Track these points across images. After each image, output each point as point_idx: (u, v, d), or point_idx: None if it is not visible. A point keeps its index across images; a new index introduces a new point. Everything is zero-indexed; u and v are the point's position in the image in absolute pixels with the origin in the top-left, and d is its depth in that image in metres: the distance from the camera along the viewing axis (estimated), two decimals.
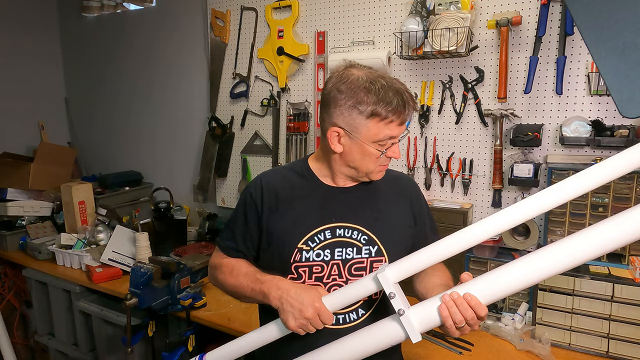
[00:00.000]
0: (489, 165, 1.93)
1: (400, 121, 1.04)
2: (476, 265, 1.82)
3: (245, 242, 1.16)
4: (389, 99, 1.01)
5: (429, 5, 1.91)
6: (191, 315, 1.82)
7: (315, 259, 1.08)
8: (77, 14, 3.31)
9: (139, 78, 3.12)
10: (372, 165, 1.08)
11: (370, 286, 0.97)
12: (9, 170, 2.73)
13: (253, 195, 1.14)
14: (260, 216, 1.12)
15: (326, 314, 0.97)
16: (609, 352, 1.47)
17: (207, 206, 2.82)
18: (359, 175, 1.11)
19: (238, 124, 2.62)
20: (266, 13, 2.41)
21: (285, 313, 0.98)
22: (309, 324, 0.96)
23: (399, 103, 1.02)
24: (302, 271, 1.08)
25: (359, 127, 1.04)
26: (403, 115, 1.03)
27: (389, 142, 1.05)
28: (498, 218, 0.90)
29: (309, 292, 0.99)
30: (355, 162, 1.08)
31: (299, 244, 1.08)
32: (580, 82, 1.73)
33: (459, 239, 0.92)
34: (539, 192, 0.88)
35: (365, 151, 1.06)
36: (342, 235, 1.09)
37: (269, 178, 1.18)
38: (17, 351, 2.65)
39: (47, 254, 2.45)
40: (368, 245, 1.09)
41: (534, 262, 0.84)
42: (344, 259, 1.08)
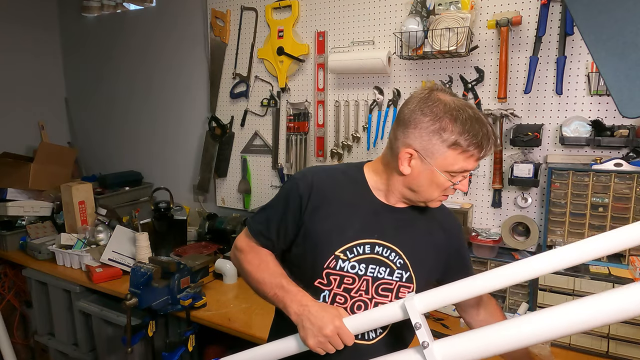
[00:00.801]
0: (489, 165, 1.93)
1: (480, 156, 1.00)
2: (476, 265, 1.82)
3: (279, 232, 1.11)
4: (475, 131, 0.97)
5: (429, 5, 1.91)
6: (191, 315, 1.82)
7: (349, 270, 1.05)
8: (77, 14, 3.31)
9: (139, 78, 3.12)
10: (436, 193, 1.04)
11: (397, 313, 0.95)
12: (9, 170, 2.73)
13: (300, 188, 1.09)
14: (302, 211, 1.08)
15: (346, 333, 0.95)
16: (609, 352, 1.47)
17: (207, 206, 2.82)
18: (416, 199, 1.08)
19: (238, 124, 2.62)
20: (266, 13, 2.41)
21: (304, 330, 0.96)
22: (328, 343, 0.95)
23: (484, 138, 0.98)
24: (333, 279, 1.05)
25: (435, 153, 1.00)
26: (484, 150, 1.00)
27: (460, 174, 1.02)
28: (536, 261, 0.89)
29: (329, 311, 0.97)
30: (420, 187, 1.04)
31: (337, 252, 1.05)
32: (580, 82, 1.73)
33: (493, 277, 0.90)
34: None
35: (434, 178, 1.02)
36: (380, 253, 1.06)
37: (320, 176, 1.13)
38: (17, 351, 2.65)
39: (47, 254, 2.45)
40: (401, 270, 1.07)
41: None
42: (375, 276, 1.06)
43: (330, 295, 1.06)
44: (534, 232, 1.77)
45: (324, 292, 1.06)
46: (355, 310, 1.05)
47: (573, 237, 1.65)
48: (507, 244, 1.82)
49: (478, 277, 0.91)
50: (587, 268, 1.54)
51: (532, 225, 1.78)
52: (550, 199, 1.68)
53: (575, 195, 1.64)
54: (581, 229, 1.64)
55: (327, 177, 1.12)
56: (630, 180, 1.55)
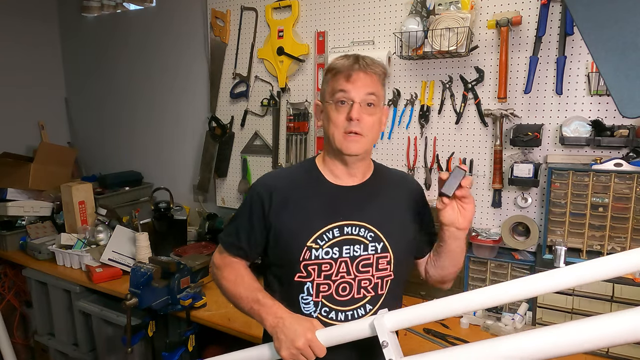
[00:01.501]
0: (489, 165, 1.93)
1: (346, 75, 1.07)
2: (476, 265, 1.82)
3: (249, 240, 1.16)
4: (342, 57, 1.09)
5: (429, 5, 1.91)
6: (191, 315, 1.82)
7: (324, 256, 1.08)
8: (77, 14, 3.31)
9: (139, 78, 3.12)
10: (337, 130, 1.09)
11: (365, 330, 0.97)
12: (9, 170, 2.73)
13: (260, 193, 1.15)
14: (266, 215, 1.13)
15: (318, 346, 0.99)
16: (609, 352, 1.47)
17: (207, 206, 2.82)
18: (332, 149, 1.13)
19: (238, 124, 2.62)
20: (266, 13, 2.41)
21: (279, 342, 1.00)
22: (300, 355, 0.98)
23: (350, 59, 1.08)
24: (312, 269, 1.09)
25: (323, 90, 1.13)
26: (350, 70, 1.06)
27: (341, 97, 1.07)
28: (511, 286, 0.87)
29: (303, 324, 1.01)
30: (327, 130, 1.12)
31: (308, 242, 1.08)
32: (580, 82, 1.73)
33: (465, 300, 0.91)
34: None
35: (328, 113, 1.11)
36: (349, 232, 1.10)
37: (276, 176, 1.21)
38: (17, 351, 2.65)
39: (47, 254, 2.45)
40: (374, 242, 1.11)
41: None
42: (352, 256, 1.10)
43: (313, 286, 1.09)
44: (534, 232, 1.77)
45: (307, 285, 1.09)
46: (341, 293, 1.09)
47: (573, 237, 1.65)
48: (507, 244, 1.82)
49: (450, 299, 0.92)
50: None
51: (532, 225, 1.78)
52: (550, 199, 1.68)
53: (575, 195, 1.64)
54: (581, 229, 1.64)
55: (283, 177, 1.20)
56: (630, 180, 1.55)
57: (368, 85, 1.07)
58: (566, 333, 0.73)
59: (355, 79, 1.06)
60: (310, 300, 1.09)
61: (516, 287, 0.86)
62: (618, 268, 0.79)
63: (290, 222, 1.11)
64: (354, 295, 1.10)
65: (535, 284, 0.85)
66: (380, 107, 1.11)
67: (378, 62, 1.11)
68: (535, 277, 0.86)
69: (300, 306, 1.10)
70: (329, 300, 1.09)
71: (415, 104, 2.07)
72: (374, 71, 1.08)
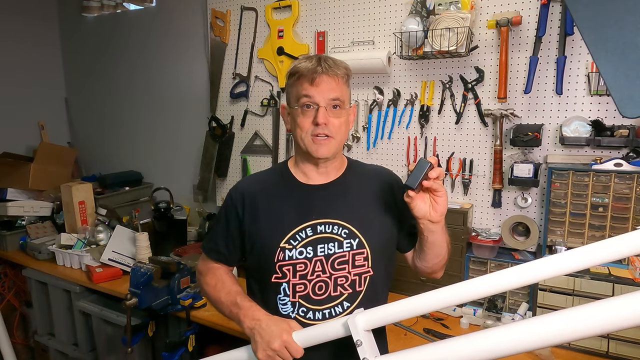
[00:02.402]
0: (489, 165, 1.93)
1: (309, 79, 1.06)
2: (476, 265, 1.82)
3: (227, 245, 1.19)
4: (304, 59, 1.08)
5: (429, 5, 1.91)
6: (191, 315, 1.82)
7: (298, 256, 1.09)
8: (77, 14, 3.31)
9: (139, 78, 3.12)
10: (304, 133, 1.09)
11: (340, 330, 0.97)
12: (9, 170, 2.73)
13: (233, 199, 1.17)
14: (241, 219, 1.15)
15: (294, 347, 0.99)
16: (609, 352, 1.47)
17: (207, 206, 2.82)
18: (301, 150, 1.13)
19: (238, 124, 2.62)
20: (266, 13, 2.41)
21: (255, 344, 1.02)
22: (277, 356, 0.99)
23: (312, 61, 1.07)
24: (287, 270, 1.10)
25: (288, 95, 1.13)
26: (314, 74, 1.05)
27: (306, 101, 1.07)
28: (484, 280, 0.87)
29: (279, 325, 1.01)
30: (295, 133, 1.12)
31: (282, 243, 1.09)
32: (580, 82, 1.73)
33: (437, 297, 0.90)
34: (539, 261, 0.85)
35: (294, 117, 1.10)
36: (323, 231, 1.10)
37: (249, 181, 1.23)
38: (17, 351, 2.65)
39: (47, 254, 2.45)
40: (349, 239, 1.11)
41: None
42: (327, 254, 1.10)
43: (289, 286, 1.10)
44: (534, 232, 1.77)
45: (283, 285, 1.10)
46: (317, 292, 1.10)
47: (573, 237, 1.65)
48: (507, 244, 1.82)
49: (423, 296, 0.92)
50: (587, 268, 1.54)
51: (532, 225, 1.78)
52: (550, 199, 1.68)
53: (575, 195, 1.64)
54: (581, 229, 1.64)
55: (255, 181, 1.21)
56: (630, 180, 1.55)
57: (332, 88, 1.07)
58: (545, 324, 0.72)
59: (319, 82, 1.06)
60: (287, 300, 1.10)
61: (491, 280, 0.86)
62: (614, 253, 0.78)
63: (264, 225, 1.13)
64: (331, 294, 1.10)
65: (510, 277, 0.85)
66: (346, 109, 1.11)
67: (340, 63, 1.11)
68: (509, 271, 0.86)
69: (278, 307, 1.11)
70: (305, 300, 1.10)
71: (415, 104, 2.07)
72: (337, 73, 1.08)
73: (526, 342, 0.73)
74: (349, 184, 1.17)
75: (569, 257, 0.80)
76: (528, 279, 0.84)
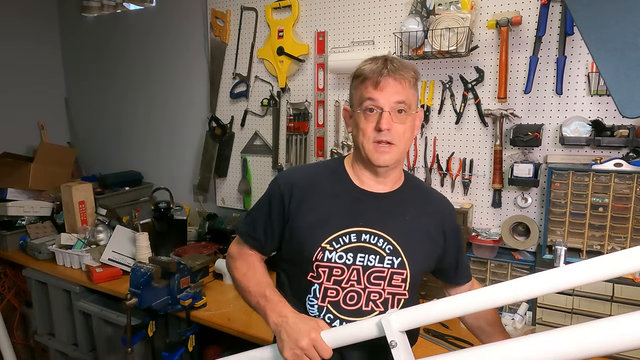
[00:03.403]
0: (489, 165, 1.93)
1: (374, 82, 1.02)
2: (476, 265, 1.82)
3: (266, 232, 1.14)
4: (370, 60, 1.05)
5: (429, 5, 1.91)
6: (191, 315, 1.82)
7: (337, 260, 1.05)
8: (77, 14, 3.31)
9: (139, 78, 3.12)
10: (366, 139, 1.05)
11: (372, 330, 0.93)
12: (9, 170, 2.73)
13: (282, 187, 1.12)
14: (286, 209, 1.10)
15: (322, 346, 0.93)
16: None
17: (207, 206, 2.82)
18: (361, 156, 1.09)
19: (238, 124, 2.62)
20: (266, 13, 2.41)
21: (281, 342, 0.96)
22: (305, 356, 0.93)
23: (378, 63, 1.03)
24: (322, 271, 1.05)
25: (352, 97, 1.09)
26: (379, 76, 1.01)
27: (369, 105, 1.03)
28: (527, 282, 0.84)
29: (307, 323, 0.96)
30: (356, 138, 1.09)
31: (323, 243, 1.05)
32: (580, 82, 1.73)
33: (479, 298, 0.87)
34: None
35: (356, 121, 1.07)
36: (367, 240, 1.05)
37: (301, 172, 1.18)
38: (17, 351, 2.65)
39: (47, 254, 2.45)
40: (392, 256, 1.06)
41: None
42: (365, 265, 1.05)
43: (320, 289, 1.06)
44: (534, 232, 1.77)
45: (315, 286, 1.06)
46: (348, 302, 1.05)
47: (573, 237, 1.65)
48: (507, 244, 1.82)
49: (461, 297, 0.90)
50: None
51: (532, 225, 1.78)
52: (550, 199, 1.68)
53: (575, 195, 1.64)
54: (581, 229, 1.64)
55: (307, 173, 1.16)
56: (630, 180, 1.55)
57: (398, 92, 1.02)
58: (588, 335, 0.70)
59: (384, 86, 1.01)
60: (315, 303, 1.06)
61: (533, 283, 0.83)
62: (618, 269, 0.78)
63: (308, 220, 1.07)
64: (362, 307, 1.05)
65: (557, 279, 0.82)
66: (411, 114, 1.06)
67: (408, 64, 1.06)
68: (557, 272, 0.82)
69: (306, 307, 1.07)
70: (334, 307, 1.05)
71: None
72: (404, 76, 1.02)
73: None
74: (405, 200, 1.12)
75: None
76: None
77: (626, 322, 0.67)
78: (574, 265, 0.80)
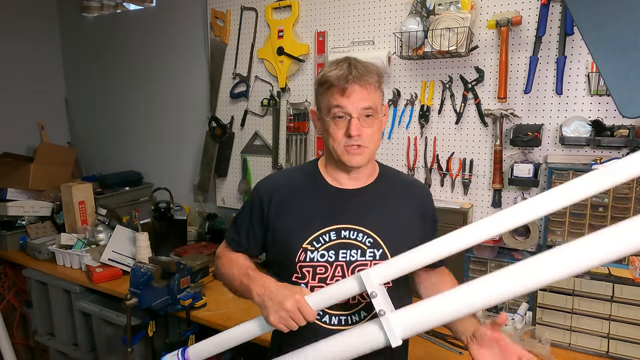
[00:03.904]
0: (489, 165, 1.93)
1: (340, 89, 1.02)
2: (476, 265, 1.82)
3: (248, 238, 1.19)
4: (334, 66, 1.05)
5: (429, 5, 1.91)
6: (191, 315, 1.82)
7: (319, 259, 1.08)
8: (77, 14, 3.31)
9: (139, 78, 3.12)
10: (336, 144, 1.07)
11: (354, 287, 0.96)
12: (9, 170, 2.73)
13: (261, 193, 1.17)
14: (265, 214, 1.14)
15: (307, 308, 0.95)
16: (609, 352, 1.47)
17: (207, 206, 2.82)
18: (334, 159, 1.12)
19: (238, 124, 2.62)
20: (266, 13, 2.41)
21: (266, 309, 0.97)
22: (290, 318, 0.95)
23: (342, 68, 1.03)
24: (306, 271, 1.08)
25: (319, 102, 1.10)
26: (345, 83, 1.02)
27: (338, 112, 1.04)
28: (486, 222, 0.90)
29: (290, 289, 0.99)
30: (326, 142, 1.11)
31: (304, 244, 1.08)
32: (580, 82, 1.73)
33: (444, 243, 0.91)
34: (524, 202, 0.92)
35: (326, 127, 1.08)
36: (347, 237, 1.08)
37: (279, 178, 1.22)
38: (17, 351, 2.65)
39: (47, 254, 2.45)
40: (373, 248, 1.08)
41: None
42: (348, 260, 1.08)
43: (308, 288, 1.08)
44: (534, 232, 1.77)
45: (301, 286, 1.07)
46: None
47: (573, 237, 1.64)
48: (507, 244, 1.82)
49: (432, 243, 0.93)
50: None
51: (532, 225, 1.78)
52: None
53: None
54: (581, 229, 1.64)
55: (285, 178, 1.21)
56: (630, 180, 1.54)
57: (364, 98, 1.04)
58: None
59: (351, 93, 1.03)
60: None
61: (504, 216, 0.92)
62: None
63: (289, 223, 1.11)
64: (349, 301, 1.07)
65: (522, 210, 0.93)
66: (379, 117, 1.08)
67: (371, 67, 1.07)
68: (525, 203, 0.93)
69: None
70: None
71: (415, 104, 2.07)
72: (369, 81, 1.04)
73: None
74: (381, 193, 1.15)
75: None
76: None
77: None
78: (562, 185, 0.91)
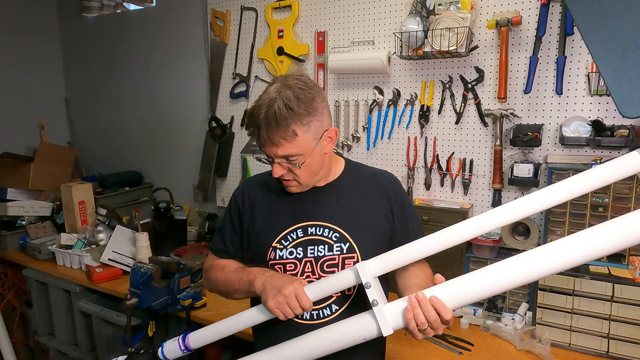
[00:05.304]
0: (489, 165, 1.93)
1: (260, 140, 1.05)
2: (476, 265, 1.82)
3: (233, 243, 1.23)
4: (255, 110, 1.04)
5: (429, 5, 1.91)
6: (191, 315, 1.82)
7: (288, 256, 1.12)
8: (77, 14, 3.31)
9: (139, 78, 3.12)
10: (275, 177, 1.09)
11: (350, 278, 1.00)
12: (9, 170, 2.73)
13: (236, 198, 1.23)
14: (241, 218, 1.20)
15: (303, 296, 0.99)
16: (609, 352, 1.47)
17: (207, 206, 2.82)
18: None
19: (238, 124, 2.62)
20: (266, 13, 2.41)
21: (265, 293, 1.01)
22: (286, 305, 0.98)
23: (258, 120, 1.02)
24: (278, 268, 1.13)
25: None
26: (261, 138, 1.03)
27: (265, 154, 1.08)
28: (481, 217, 0.93)
29: (290, 278, 1.04)
30: None
31: (274, 243, 1.13)
32: (580, 82, 1.73)
33: (442, 237, 0.95)
34: (519, 199, 0.95)
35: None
36: (313, 233, 1.12)
37: (251, 182, 1.26)
38: (17, 351, 2.65)
39: (47, 254, 2.45)
40: (339, 243, 1.11)
41: (504, 269, 0.86)
42: (316, 256, 1.11)
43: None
44: (534, 232, 1.77)
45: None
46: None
47: None
48: (507, 244, 1.82)
49: (430, 237, 0.97)
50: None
51: (532, 225, 1.78)
52: None
53: None
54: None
55: (256, 182, 1.25)
56: (630, 180, 1.55)
57: (280, 150, 1.02)
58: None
59: (266, 145, 1.04)
60: None
61: (498, 213, 0.95)
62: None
63: (260, 224, 1.16)
64: None
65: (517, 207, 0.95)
66: (306, 155, 1.04)
67: (288, 114, 0.98)
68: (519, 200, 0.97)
69: None
70: None
71: (415, 104, 2.07)
72: (282, 136, 0.99)
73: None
74: (344, 188, 1.17)
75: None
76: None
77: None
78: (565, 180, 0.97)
